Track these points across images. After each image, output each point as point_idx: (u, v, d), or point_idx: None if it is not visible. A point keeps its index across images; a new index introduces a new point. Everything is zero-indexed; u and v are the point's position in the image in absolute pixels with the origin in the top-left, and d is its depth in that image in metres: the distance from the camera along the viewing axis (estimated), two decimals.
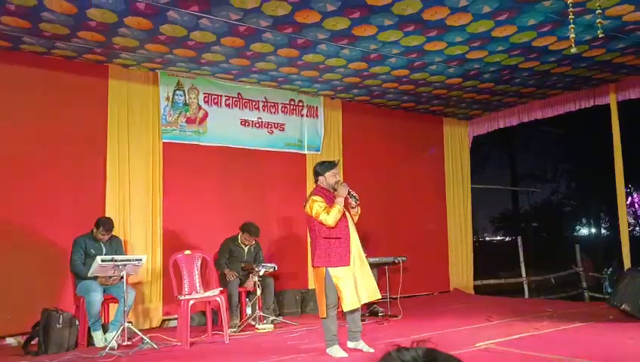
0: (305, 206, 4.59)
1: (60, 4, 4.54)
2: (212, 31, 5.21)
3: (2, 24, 4.94)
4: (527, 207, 20.93)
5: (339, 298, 4.52)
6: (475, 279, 9.52)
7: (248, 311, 6.50)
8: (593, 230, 21.19)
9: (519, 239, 11.09)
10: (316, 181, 4.74)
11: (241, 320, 6.17)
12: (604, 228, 20.48)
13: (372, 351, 4.55)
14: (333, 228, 4.45)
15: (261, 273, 6.12)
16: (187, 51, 5.76)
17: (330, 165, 4.71)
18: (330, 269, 4.46)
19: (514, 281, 10.77)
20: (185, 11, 4.75)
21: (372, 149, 8.55)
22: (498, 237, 23.47)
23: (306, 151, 7.93)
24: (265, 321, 6.11)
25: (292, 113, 7.82)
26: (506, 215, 21.36)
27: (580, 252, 10.80)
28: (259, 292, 6.18)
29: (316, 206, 4.46)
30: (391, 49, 5.89)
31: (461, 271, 9.31)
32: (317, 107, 8.04)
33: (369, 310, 6.80)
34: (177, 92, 6.83)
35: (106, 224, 5.52)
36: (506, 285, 10.78)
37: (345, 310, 4.51)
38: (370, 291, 4.59)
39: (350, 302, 4.46)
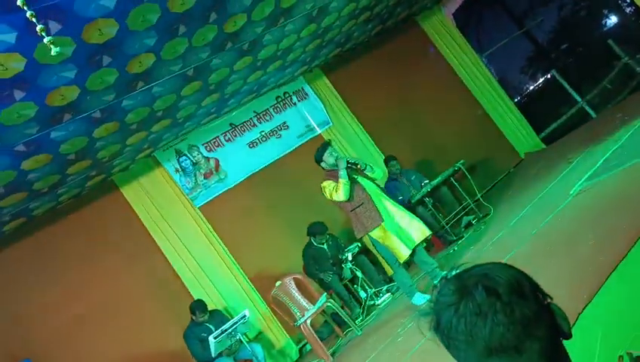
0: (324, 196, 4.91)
1: (36, 159, 4.68)
2: (168, 92, 5.23)
3: (6, 208, 5.14)
4: (546, 36, 20.08)
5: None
6: (539, 133, 9.23)
7: (362, 295, 6.56)
8: (618, 17, 20.09)
9: (554, 71, 10.65)
10: (322, 168, 5.02)
11: (361, 306, 6.24)
12: (629, 10, 19.38)
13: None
14: (350, 199, 4.77)
15: (350, 258, 6.17)
16: (162, 123, 5.81)
17: (323, 148, 4.99)
18: (370, 234, 4.77)
19: (575, 110, 10.37)
20: (135, 93, 4.79)
21: (374, 88, 8.39)
22: (540, 81, 22.68)
23: (319, 131, 7.88)
24: (381, 294, 6.16)
25: (285, 108, 7.79)
26: (532, 56, 20.61)
27: (616, 44, 10.26)
28: (359, 274, 6.23)
29: (327, 190, 4.85)
30: None
31: (520, 135, 9.03)
32: (302, 88, 7.97)
33: (464, 226, 6.73)
34: (181, 159, 6.93)
35: (199, 306, 5.71)
36: (571, 118, 10.39)
37: (402, 261, 4.72)
38: (419, 230, 4.82)
39: (403, 252, 4.69)
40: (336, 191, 4.80)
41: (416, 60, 9.00)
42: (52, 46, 1.99)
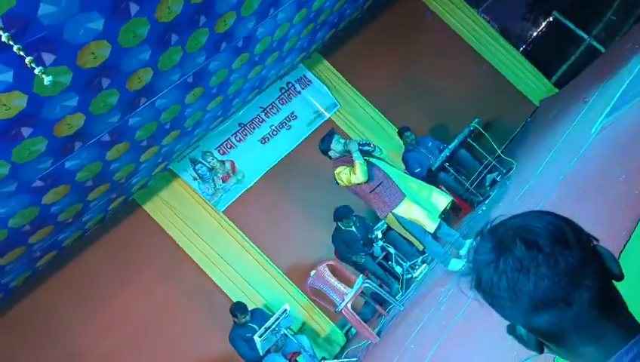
0: (337, 184, 4.88)
1: (55, 192, 4.72)
2: (172, 103, 5.22)
3: (36, 243, 5.21)
4: None
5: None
6: (550, 78, 9.03)
7: (399, 270, 6.52)
8: None
9: (555, 13, 10.39)
10: (330, 158, 4.97)
11: (399, 282, 6.21)
12: None
13: None
14: (368, 180, 4.70)
15: (380, 236, 6.14)
16: (171, 134, 5.81)
17: (329, 137, 4.95)
18: (394, 212, 4.72)
19: (583, 48, 10.11)
20: (140, 110, 4.79)
21: (376, 62, 8.25)
22: (543, 26, 22.20)
23: (329, 115, 7.82)
24: (416, 266, 6.12)
25: (290, 98, 7.74)
26: (531, 2, 20.13)
27: None
28: (392, 250, 6.20)
29: (342, 175, 4.77)
30: None
31: (532, 83, 8.84)
32: (304, 75, 7.90)
33: (488, 185, 6.64)
34: (197, 167, 6.94)
35: (239, 308, 5.73)
36: (580, 57, 10.14)
37: (432, 232, 4.71)
38: (441, 198, 4.88)
39: (430, 223, 4.68)
40: (354, 173, 4.73)
41: (413, 27, 8.84)
42: (44, 76, 1.98)
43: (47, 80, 2.00)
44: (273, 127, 7.50)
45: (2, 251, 4.70)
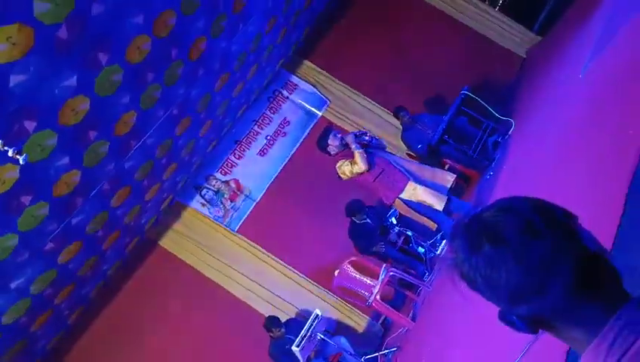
0: (341, 179, 5.00)
1: (68, 250, 4.78)
2: (163, 138, 5.25)
3: (62, 303, 5.28)
4: None
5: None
6: (532, 28, 8.90)
7: (421, 251, 6.51)
8: None
9: None
10: (330, 154, 5.05)
11: (424, 263, 6.19)
12: None
13: None
14: (369, 169, 4.72)
15: (395, 222, 6.13)
16: (170, 168, 5.85)
17: (326, 134, 5.01)
18: (401, 196, 4.83)
19: None
20: (132, 152, 4.83)
21: (357, 49, 8.10)
22: None
23: (320, 113, 7.80)
24: (437, 244, 6.10)
25: (280, 105, 7.73)
26: None
27: None
28: (410, 233, 6.18)
29: (344, 168, 4.89)
30: None
31: (514, 36, 8.69)
32: (288, 79, 7.89)
33: (491, 148, 6.58)
34: (203, 193, 6.98)
35: (272, 322, 5.76)
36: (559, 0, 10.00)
37: (441, 210, 4.85)
38: (445, 176, 5.10)
39: (437, 201, 4.83)
40: (355, 163, 4.78)
41: (387, 7, 8.77)
42: (18, 156, 2.00)
43: (21, 159, 2.02)
44: (269, 137, 7.51)
45: (30, 318, 4.77)
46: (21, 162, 2.08)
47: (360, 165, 4.78)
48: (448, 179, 5.03)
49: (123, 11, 3.68)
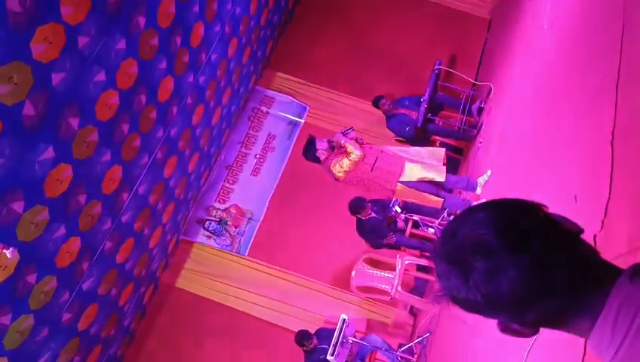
0: (338, 180, 4.89)
1: (87, 315, 4.78)
2: (154, 183, 5.25)
3: None
4: None
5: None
6: None
7: (431, 231, 6.50)
8: None
9: None
10: (319, 162, 4.97)
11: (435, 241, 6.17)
12: None
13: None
14: (364, 157, 4.75)
15: (399, 210, 6.12)
16: (167, 210, 5.85)
17: (310, 144, 4.92)
18: (401, 180, 4.77)
19: None
20: (126, 205, 4.84)
21: (326, 50, 8.12)
22: None
23: (303, 120, 7.80)
24: (445, 221, 6.09)
25: (261, 122, 7.74)
26: None
27: None
28: (416, 217, 6.18)
29: (337, 166, 4.78)
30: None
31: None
32: (264, 95, 7.89)
33: (477, 115, 6.57)
34: (206, 226, 6.99)
35: (303, 336, 5.73)
36: None
37: (443, 180, 4.80)
38: (435, 151, 5.03)
39: (438, 173, 4.79)
40: (349, 155, 4.73)
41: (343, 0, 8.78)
42: (4, 251, 2.00)
43: (8, 253, 2.03)
44: (258, 156, 7.51)
45: None
46: (8, 256, 2.09)
47: (354, 152, 4.72)
48: (440, 154, 5.03)
49: (83, 73, 3.68)
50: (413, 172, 4.76)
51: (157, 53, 4.52)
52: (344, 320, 5.30)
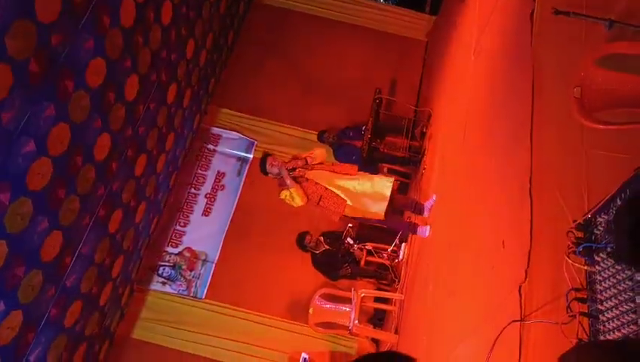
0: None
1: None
2: (97, 241, 5.15)
3: None
4: None
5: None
6: (424, 9, 9.13)
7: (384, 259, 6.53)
8: None
9: None
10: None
11: (390, 269, 6.18)
12: None
13: None
14: (308, 196, 4.93)
15: (351, 241, 6.17)
16: (116, 264, 5.72)
17: (263, 162, 5.02)
18: (346, 214, 5.01)
19: None
20: (72, 267, 4.72)
21: (266, 83, 8.10)
22: None
23: (252, 155, 7.75)
24: (400, 249, 6.15)
25: (209, 160, 7.69)
26: None
27: None
28: (369, 246, 6.24)
29: (287, 201, 4.98)
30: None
31: (410, 25, 8.90)
32: (210, 133, 7.84)
33: (420, 139, 6.67)
34: (160, 271, 6.89)
35: None
36: None
37: (383, 217, 4.98)
38: (383, 182, 5.08)
39: (378, 209, 4.97)
40: (292, 200, 4.91)
41: (282, 32, 8.83)
42: None
43: None
44: (208, 195, 7.46)
45: None
46: None
47: (297, 201, 4.95)
48: (387, 184, 5.11)
49: (11, 146, 3.59)
50: (355, 210, 4.97)
51: (90, 112, 4.45)
52: (305, 359, 5.29)
